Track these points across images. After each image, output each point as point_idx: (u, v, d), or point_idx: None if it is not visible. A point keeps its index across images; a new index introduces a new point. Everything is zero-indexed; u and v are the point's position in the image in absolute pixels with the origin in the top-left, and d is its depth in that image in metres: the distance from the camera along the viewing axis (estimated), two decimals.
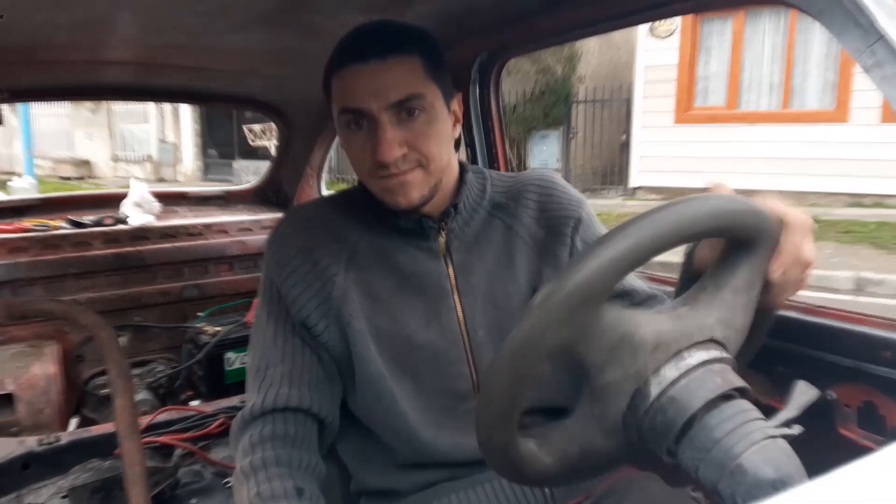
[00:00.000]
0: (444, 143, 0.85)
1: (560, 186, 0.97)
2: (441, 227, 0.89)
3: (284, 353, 0.87)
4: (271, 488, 0.77)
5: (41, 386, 1.65)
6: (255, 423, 0.84)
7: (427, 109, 0.82)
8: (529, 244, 0.92)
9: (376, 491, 0.91)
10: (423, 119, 0.81)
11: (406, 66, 0.80)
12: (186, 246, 2.00)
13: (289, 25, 1.18)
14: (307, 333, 0.87)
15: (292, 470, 0.80)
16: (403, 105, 0.80)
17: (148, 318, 1.93)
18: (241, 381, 1.76)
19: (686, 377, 0.53)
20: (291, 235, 0.90)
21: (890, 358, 0.81)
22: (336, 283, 0.87)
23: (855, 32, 0.66)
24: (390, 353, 0.86)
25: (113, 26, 1.13)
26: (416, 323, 0.86)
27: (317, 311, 0.86)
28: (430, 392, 0.86)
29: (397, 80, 0.80)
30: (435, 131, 0.83)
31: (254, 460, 0.80)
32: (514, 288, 0.89)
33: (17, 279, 1.74)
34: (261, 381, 0.86)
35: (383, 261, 0.89)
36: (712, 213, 0.53)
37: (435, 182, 0.85)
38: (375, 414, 0.88)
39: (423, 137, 0.82)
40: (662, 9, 1.06)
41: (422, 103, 0.81)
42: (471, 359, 0.87)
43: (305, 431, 0.85)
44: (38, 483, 1.24)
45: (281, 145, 2.20)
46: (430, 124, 0.82)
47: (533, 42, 1.39)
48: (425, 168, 0.83)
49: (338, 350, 0.87)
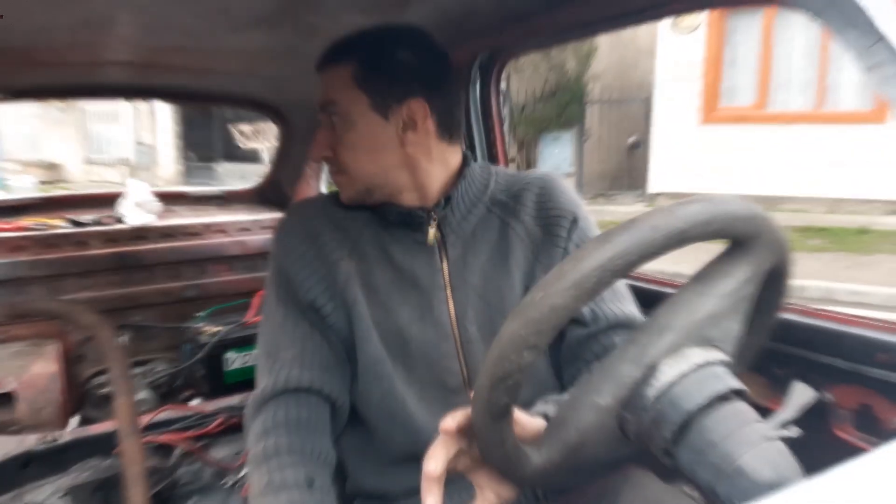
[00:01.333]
0: (365, 151, 0.88)
1: (560, 188, 0.98)
2: (431, 218, 0.90)
3: (294, 337, 0.89)
4: (283, 477, 0.78)
5: (41, 385, 1.65)
6: (268, 406, 0.85)
7: (343, 117, 0.88)
8: (526, 242, 0.92)
9: (371, 493, 0.92)
10: (340, 126, 0.88)
11: (332, 75, 0.88)
12: (186, 246, 2.00)
13: (288, 25, 1.18)
14: (315, 316, 0.90)
15: (304, 458, 0.81)
16: (325, 110, 0.89)
17: (148, 317, 1.93)
18: (241, 380, 1.79)
19: (683, 379, 0.53)
20: (297, 226, 0.94)
21: (886, 360, 0.81)
22: (341, 267, 0.89)
23: (854, 33, 0.66)
24: (386, 343, 0.88)
25: (112, 26, 1.13)
26: (410, 316, 0.88)
27: (324, 293, 0.89)
28: (424, 382, 0.88)
29: (325, 87, 0.89)
30: (351, 139, 0.88)
31: (267, 446, 0.82)
32: (507, 285, 0.90)
33: (16, 278, 1.74)
34: (272, 364, 0.88)
35: (381, 253, 0.91)
36: (705, 218, 0.52)
37: (364, 187, 0.90)
38: (374, 397, 0.89)
39: (340, 144, 0.89)
40: (662, 8, 1.06)
41: (337, 110, 0.88)
42: (461, 354, 0.88)
43: (318, 415, 0.86)
44: (38, 481, 1.24)
45: (280, 145, 2.20)
46: (345, 132, 0.88)
47: (533, 42, 1.39)
48: (346, 174, 0.90)
49: (344, 332, 0.90)
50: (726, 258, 0.59)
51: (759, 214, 0.56)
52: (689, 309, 0.57)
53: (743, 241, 0.57)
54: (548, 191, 0.96)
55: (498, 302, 0.89)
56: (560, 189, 0.98)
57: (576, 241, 0.93)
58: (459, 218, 0.92)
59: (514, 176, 1.00)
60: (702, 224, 0.51)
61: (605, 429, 0.56)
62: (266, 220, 2.16)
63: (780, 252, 0.59)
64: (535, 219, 0.93)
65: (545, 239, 0.92)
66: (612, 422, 0.56)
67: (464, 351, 0.88)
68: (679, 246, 0.51)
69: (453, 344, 0.88)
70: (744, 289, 0.58)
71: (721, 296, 0.58)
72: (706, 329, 0.56)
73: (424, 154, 0.90)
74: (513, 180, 0.98)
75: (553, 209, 0.94)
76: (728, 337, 0.58)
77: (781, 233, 0.58)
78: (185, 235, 2.01)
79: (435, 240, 0.90)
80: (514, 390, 0.52)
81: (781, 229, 0.58)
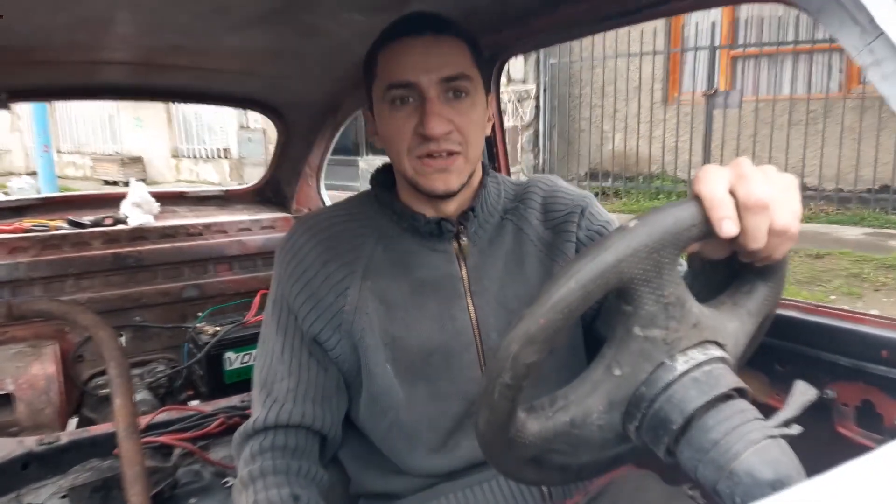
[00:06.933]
0: (482, 133, 0.86)
1: (563, 186, 0.98)
2: (459, 230, 0.88)
3: (291, 368, 0.86)
4: (268, 497, 0.77)
5: (41, 386, 1.65)
6: (257, 436, 0.84)
7: (472, 94, 0.82)
8: (538, 246, 0.92)
9: (375, 494, 0.91)
10: (468, 102, 0.82)
11: (458, 47, 0.82)
12: (186, 246, 2.00)
13: (288, 25, 1.18)
14: (317, 348, 0.87)
15: (290, 477, 0.80)
16: (452, 83, 0.80)
17: (148, 318, 1.93)
18: (241, 380, 1.79)
19: (685, 377, 0.53)
20: (304, 248, 0.88)
21: (888, 357, 0.81)
22: (349, 296, 0.85)
23: (853, 30, 0.65)
24: (404, 362, 0.85)
25: (112, 26, 1.13)
26: (431, 327, 0.85)
27: (329, 325, 0.85)
28: (444, 396, 0.85)
29: (450, 56, 0.80)
30: (477, 117, 0.83)
31: (252, 470, 0.81)
32: (524, 290, 0.89)
33: (16, 279, 1.74)
34: (266, 396, 0.86)
35: (399, 266, 0.87)
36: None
37: (470, 172, 0.85)
38: (380, 426, 0.87)
39: (468, 120, 0.81)
40: (661, 7, 1.06)
41: (469, 86, 0.82)
42: (484, 363, 0.86)
43: (307, 444, 0.85)
44: (37, 483, 1.24)
45: (280, 145, 2.20)
46: (473, 109, 0.83)
47: (533, 41, 1.39)
48: (465, 154, 0.82)
49: (348, 364, 0.87)
50: (748, 279, 0.59)
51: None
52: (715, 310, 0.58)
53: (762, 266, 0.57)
54: (551, 192, 0.96)
55: (517, 308, 0.87)
56: (563, 188, 0.98)
57: (585, 229, 0.93)
58: (477, 227, 0.91)
59: (516, 182, 1.00)
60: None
61: (607, 422, 0.56)
62: (266, 219, 2.16)
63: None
64: (542, 222, 0.93)
65: (556, 239, 0.92)
66: (615, 418, 0.56)
67: (486, 359, 0.86)
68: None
69: (475, 352, 0.86)
70: (757, 308, 0.59)
71: (743, 312, 0.58)
72: (720, 333, 0.57)
73: None
74: (516, 186, 0.98)
75: (560, 209, 0.94)
76: (728, 335, 0.58)
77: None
78: (185, 236, 2.01)
79: (454, 249, 0.89)
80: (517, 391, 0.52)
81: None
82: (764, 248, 0.52)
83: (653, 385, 0.54)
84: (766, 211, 0.50)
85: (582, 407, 0.56)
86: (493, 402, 0.53)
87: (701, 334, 0.55)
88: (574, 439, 0.57)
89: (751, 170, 0.52)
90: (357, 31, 1.12)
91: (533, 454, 0.58)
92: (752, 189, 0.50)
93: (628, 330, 0.54)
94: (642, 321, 0.53)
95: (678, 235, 0.51)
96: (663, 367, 0.54)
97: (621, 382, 0.55)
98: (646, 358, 0.54)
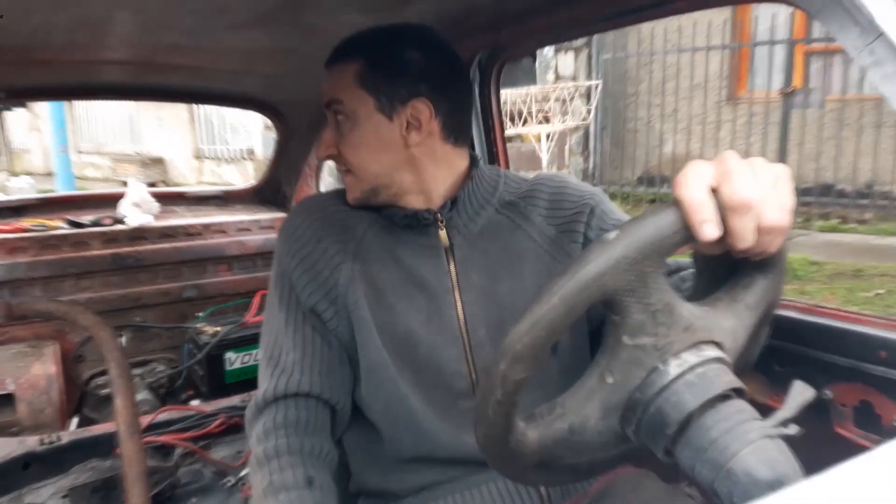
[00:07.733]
0: (372, 151, 0.88)
1: (572, 184, 0.97)
2: (439, 219, 0.89)
3: (296, 341, 0.89)
4: (283, 478, 0.79)
5: (41, 386, 1.65)
6: (269, 410, 0.86)
7: (349, 116, 0.87)
8: (539, 243, 0.91)
9: (375, 491, 0.91)
10: (346, 125, 0.88)
11: (339, 73, 0.88)
12: (185, 246, 2.00)
13: (287, 25, 1.18)
14: (317, 320, 0.89)
15: (304, 457, 0.82)
16: (330, 108, 0.89)
17: (148, 318, 1.93)
18: (241, 380, 1.79)
19: (683, 377, 0.53)
20: (301, 226, 0.93)
21: (886, 357, 0.81)
22: (343, 270, 0.89)
23: (853, 30, 0.65)
24: (392, 346, 0.87)
25: (111, 26, 1.13)
26: (417, 319, 0.87)
27: (325, 298, 0.88)
28: (431, 386, 0.87)
29: (330, 85, 0.89)
30: (355, 138, 0.88)
31: (267, 448, 0.82)
32: (518, 287, 0.89)
33: (16, 279, 1.74)
34: (273, 368, 0.88)
35: (387, 254, 0.90)
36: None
37: (370, 187, 0.90)
38: (378, 402, 0.88)
39: (346, 143, 0.89)
40: (661, 7, 1.06)
41: (342, 109, 0.88)
42: (470, 358, 0.87)
43: (318, 418, 0.87)
44: (38, 483, 1.24)
45: (279, 145, 2.20)
46: (350, 131, 0.88)
47: (533, 41, 1.39)
48: (353, 173, 0.90)
49: (345, 337, 0.89)
50: (747, 274, 0.59)
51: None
52: (710, 308, 0.57)
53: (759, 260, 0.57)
54: (560, 189, 0.95)
55: (509, 304, 0.87)
56: (572, 185, 0.97)
57: (596, 228, 0.92)
58: (466, 220, 0.91)
59: (523, 178, 0.99)
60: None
61: (606, 427, 0.56)
62: (265, 219, 2.16)
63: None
64: (548, 220, 0.93)
65: (561, 238, 0.91)
66: (613, 423, 0.56)
67: (473, 354, 0.87)
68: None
69: (462, 347, 0.87)
70: (755, 302, 0.59)
71: (741, 307, 0.58)
72: (717, 331, 0.57)
73: (429, 155, 0.89)
74: (522, 182, 0.98)
75: (568, 207, 0.93)
76: (724, 332, 0.58)
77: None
78: (185, 236, 2.01)
79: (442, 242, 0.90)
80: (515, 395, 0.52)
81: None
82: (755, 246, 0.51)
83: (646, 390, 0.54)
84: (752, 210, 0.49)
85: (579, 415, 0.56)
86: (489, 419, 0.53)
87: (694, 336, 0.55)
88: (575, 445, 0.57)
89: (736, 165, 0.50)
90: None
91: (537, 460, 0.58)
92: (736, 188, 0.49)
93: (618, 339, 0.54)
94: (630, 330, 0.53)
95: (660, 244, 0.50)
96: (656, 372, 0.54)
97: (615, 389, 0.55)
98: (637, 365, 0.54)
